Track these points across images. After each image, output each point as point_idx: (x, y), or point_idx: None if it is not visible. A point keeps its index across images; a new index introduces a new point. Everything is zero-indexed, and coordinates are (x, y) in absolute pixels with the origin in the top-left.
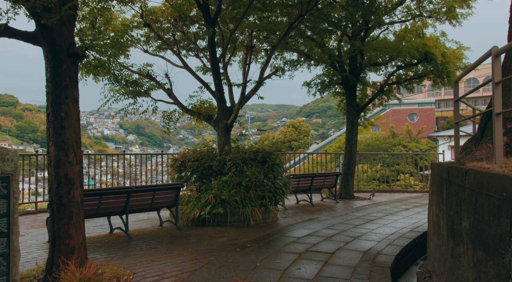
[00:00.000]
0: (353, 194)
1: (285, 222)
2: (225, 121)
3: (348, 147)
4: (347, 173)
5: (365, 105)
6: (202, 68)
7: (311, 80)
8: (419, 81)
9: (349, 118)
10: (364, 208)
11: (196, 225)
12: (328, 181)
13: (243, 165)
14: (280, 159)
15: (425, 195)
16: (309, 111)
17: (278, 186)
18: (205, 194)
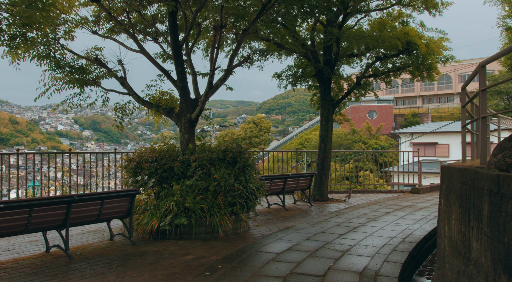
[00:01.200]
0: (327, 196)
1: (259, 232)
2: (188, 115)
3: (323, 145)
4: (322, 173)
5: (341, 100)
6: (161, 54)
7: (282, 71)
8: (397, 74)
9: (323, 113)
10: (342, 212)
11: (154, 238)
12: (302, 183)
13: (210, 167)
14: (252, 159)
15: (401, 196)
16: (268, 107)
17: (251, 190)
18: (165, 201)
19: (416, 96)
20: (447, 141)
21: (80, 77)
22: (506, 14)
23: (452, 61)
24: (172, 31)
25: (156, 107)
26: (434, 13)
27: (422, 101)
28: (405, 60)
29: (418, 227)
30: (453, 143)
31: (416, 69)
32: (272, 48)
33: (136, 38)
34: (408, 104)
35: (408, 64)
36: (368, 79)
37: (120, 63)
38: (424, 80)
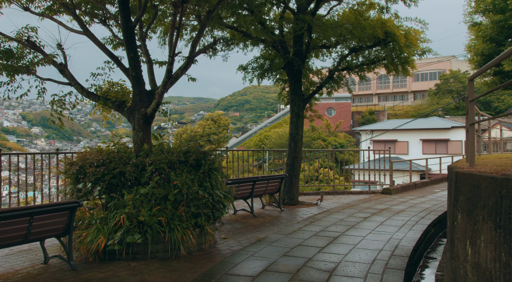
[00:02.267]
0: (297, 199)
1: (227, 246)
2: (143, 110)
3: (293, 143)
4: (292, 174)
5: (312, 94)
6: (111, 39)
7: (247, 63)
8: (371, 68)
9: (293, 109)
10: (316, 218)
11: (101, 259)
12: (272, 186)
13: (169, 171)
14: (219, 162)
15: (373, 198)
16: (226, 104)
17: (218, 198)
18: (114, 213)
19: (373, 94)
20: (406, 138)
21: (8, 63)
22: (472, 10)
23: (429, 55)
24: (123, 9)
25: (103, 100)
26: (409, 3)
27: (378, 99)
28: (380, 52)
29: (403, 235)
30: (412, 140)
31: (391, 63)
32: (237, 37)
33: (78, 17)
34: (365, 102)
35: (382, 57)
36: (341, 73)
37: (60, 47)
38: (398, 74)
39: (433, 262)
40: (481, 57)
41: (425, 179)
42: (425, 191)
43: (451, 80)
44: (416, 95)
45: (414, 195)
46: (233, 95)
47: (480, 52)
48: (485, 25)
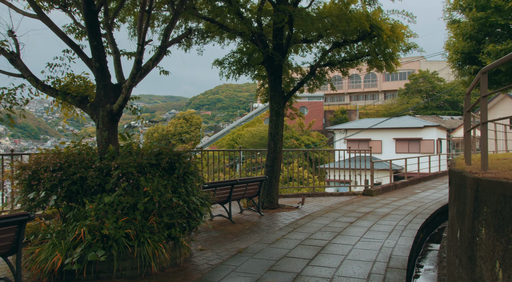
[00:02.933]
0: (277, 202)
1: (205, 260)
2: (109, 106)
3: (272, 143)
4: (272, 176)
5: (293, 91)
6: (73, 28)
7: (224, 58)
8: (353, 64)
9: (273, 107)
10: (299, 224)
11: (57, 281)
12: (251, 189)
13: (139, 176)
14: (195, 165)
15: (355, 200)
16: (198, 103)
17: (194, 206)
18: (73, 226)
19: (344, 93)
20: (379, 137)
21: None
22: (450, 7)
23: (414, 50)
24: None
25: (62, 94)
26: None
27: (350, 99)
28: (363, 48)
29: (394, 243)
30: (385, 139)
31: (375, 58)
32: (212, 29)
33: (33, 1)
34: (336, 101)
35: (366, 53)
36: (323, 69)
37: (11, 34)
38: (382, 70)
39: (427, 273)
40: (461, 55)
41: (404, 179)
42: (406, 192)
43: (420, 80)
44: (386, 94)
45: (395, 196)
46: (205, 94)
47: (460, 50)
48: (464, 22)
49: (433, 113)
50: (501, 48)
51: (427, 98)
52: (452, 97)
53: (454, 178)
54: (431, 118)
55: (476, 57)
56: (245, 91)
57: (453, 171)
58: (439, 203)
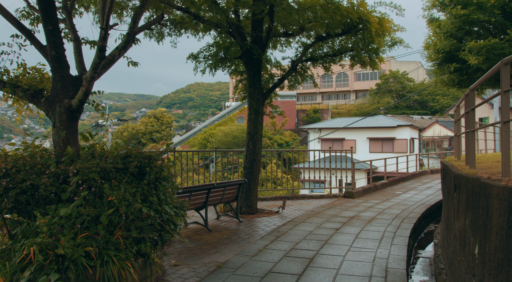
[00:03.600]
0: (256, 207)
1: (180, 278)
2: (67, 102)
3: (251, 143)
4: (250, 179)
5: (273, 88)
6: (26, 12)
7: (199, 51)
8: (335, 60)
9: (252, 104)
10: (282, 231)
11: None
12: (229, 193)
13: (103, 183)
14: (168, 169)
15: (337, 203)
16: (169, 101)
17: (168, 216)
18: (22, 244)
19: (316, 92)
20: (353, 137)
21: None
22: (430, 5)
23: (400, 46)
24: None
25: (11, 87)
26: None
27: (322, 98)
28: (346, 43)
29: (387, 253)
30: (359, 139)
31: (359, 54)
32: (186, 20)
33: None
34: (309, 100)
35: (350, 48)
36: (305, 64)
37: None
38: (366, 67)
39: None
40: (442, 54)
41: (383, 180)
42: (387, 194)
43: (390, 80)
44: (358, 94)
45: (377, 198)
46: (177, 93)
47: (441, 49)
48: (445, 20)
49: (403, 112)
50: (484, 44)
51: (398, 98)
52: (422, 97)
53: (465, 184)
54: (402, 117)
55: (457, 55)
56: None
57: (462, 176)
58: (423, 205)
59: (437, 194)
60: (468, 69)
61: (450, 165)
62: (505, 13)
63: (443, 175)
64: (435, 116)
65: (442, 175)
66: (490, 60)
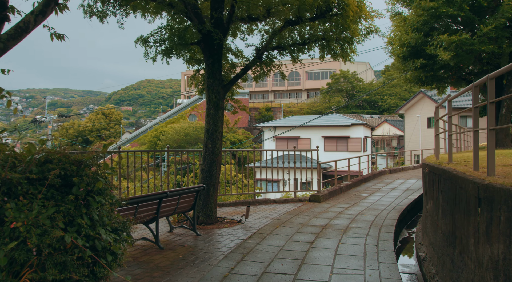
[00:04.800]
0: (215, 215)
1: None
2: None
3: (210, 143)
4: (209, 184)
5: (235, 79)
6: None
7: (149, 34)
8: (303, 49)
9: (211, 98)
10: (248, 248)
11: None
12: (185, 202)
13: (4, 202)
14: (106, 178)
15: (303, 209)
16: (119, 98)
17: (104, 244)
18: None
19: (269, 91)
20: (308, 135)
21: None
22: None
23: (376, 35)
24: None
25: None
26: None
27: (274, 96)
28: (316, 31)
29: (377, 274)
30: (314, 137)
31: (332, 42)
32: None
33: None
34: (261, 98)
35: (321, 36)
36: (271, 53)
37: None
38: (337, 58)
39: None
40: (407, 48)
41: (347, 181)
42: (353, 196)
43: (341, 79)
44: (309, 93)
45: (345, 202)
46: (126, 89)
47: (407, 43)
48: (411, 13)
49: (353, 112)
50: (455, 38)
51: (348, 97)
52: (370, 97)
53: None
54: (354, 116)
55: (423, 50)
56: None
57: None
58: (395, 210)
59: (403, 196)
60: (434, 65)
61: (459, 171)
62: (473, 8)
63: (432, 181)
64: (383, 115)
65: (433, 180)
66: (459, 56)
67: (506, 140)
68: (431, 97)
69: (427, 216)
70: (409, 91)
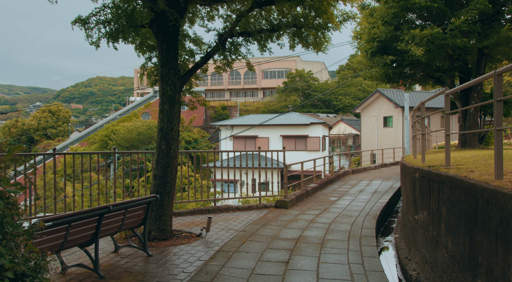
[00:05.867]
0: (171, 229)
1: None
2: None
3: (164, 143)
4: (163, 192)
5: (194, 69)
6: None
7: (90, 14)
8: (272, 36)
9: (165, 90)
10: (212, 273)
11: None
12: (133, 217)
13: None
14: (8, 199)
15: (270, 217)
16: (68, 95)
17: None
18: None
19: (225, 89)
20: (267, 134)
21: None
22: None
23: (351, 22)
24: None
25: None
26: None
27: (230, 95)
28: (287, 16)
29: None
30: (272, 136)
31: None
32: None
33: None
34: (217, 96)
35: (291, 23)
36: (235, 40)
37: None
38: (308, 47)
39: None
40: (377, 43)
41: (313, 183)
42: (322, 201)
43: (297, 78)
44: (265, 92)
45: (314, 207)
46: (76, 86)
47: (376, 37)
48: (381, 5)
49: (309, 111)
50: (427, 33)
51: (303, 96)
52: (325, 96)
53: None
54: (310, 115)
55: (393, 46)
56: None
57: None
58: (369, 216)
59: (373, 200)
60: (403, 62)
61: (478, 181)
62: (446, 0)
63: (428, 188)
64: (339, 114)
65: (428, 188)
66: (431, 52)
67: (474, 140)
68: (388, 96)
69: (416, 228)
70: (364, 90)
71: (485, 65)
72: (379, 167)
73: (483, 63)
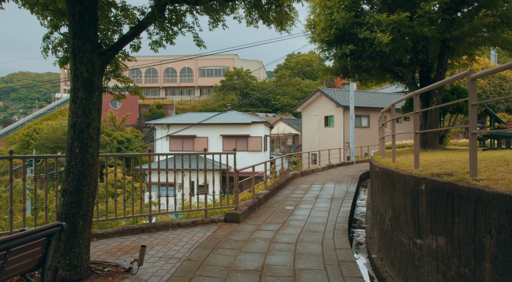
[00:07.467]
0: (88, 263)
1: None
2: None
3: (78, 146)
4: (76, 214)
5: (121, 43)
6: None
7: None
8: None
9: (79, 71)
10: None
11: None
12: (21, 258)
13: None
14: None
15: (220, 236)
16: None
17: None
18: None
19: (160, 87)
20: (205, 134)
21: None
22: None
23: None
24: None
25: None
26: None
27: (165, 93)
28: None
29: None
30: (211, 136)
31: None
32: None
33: None
34: (152, 95)
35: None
36: (177, 7)
37: None
38: (269, 24)
39: None
40: (335, 30)
41: (266, 190)
42: (278, 211)
43: (235, 77)
44: (202, 90)
45: (270, 221)
46: None
47: (334, 25)
48: None
49: (247, 110)
50: (395, 18)
51: (241, 95)
52: (264, 96)
53: None
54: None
55: (352, 34)
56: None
57: None
58: (338, 231)
59: (334, 208)
60: (364, 53)
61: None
62: None
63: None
64: (278, 114)
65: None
66: (396, 41)
67: (435, 140)
68: (329, 95)
69: (419, 256)
70: (301, 90)
71: (447, 59)
72: (327, 169)
73: (445, 56)
